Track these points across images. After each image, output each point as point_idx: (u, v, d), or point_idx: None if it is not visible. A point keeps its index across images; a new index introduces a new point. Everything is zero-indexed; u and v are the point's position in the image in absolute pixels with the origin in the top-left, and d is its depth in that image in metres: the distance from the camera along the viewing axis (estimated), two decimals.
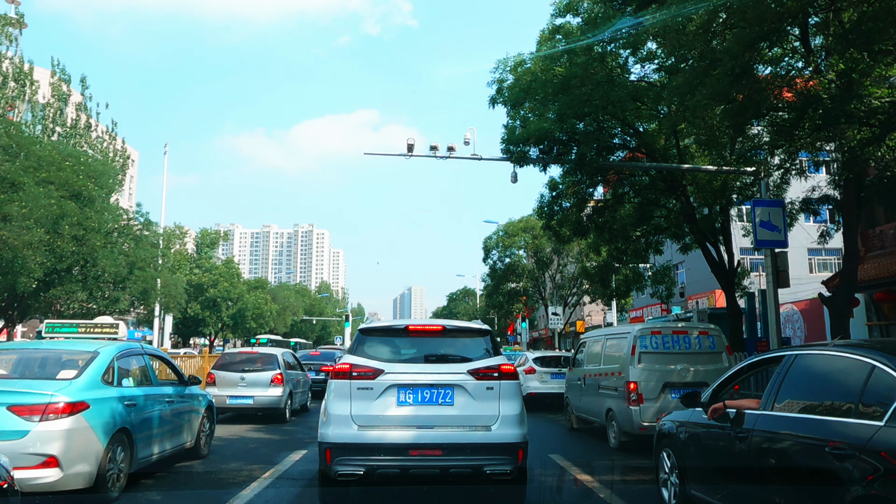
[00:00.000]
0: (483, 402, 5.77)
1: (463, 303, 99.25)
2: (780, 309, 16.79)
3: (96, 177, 27.22)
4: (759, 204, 16.61)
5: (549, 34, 16.63)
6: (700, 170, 16.38)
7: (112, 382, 6.79)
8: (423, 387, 5.80)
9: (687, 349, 9.80)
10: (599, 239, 21.68)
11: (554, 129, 15.07)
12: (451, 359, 6.05)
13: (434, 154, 15.99)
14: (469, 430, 5.71)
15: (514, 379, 6.00)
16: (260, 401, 13.34)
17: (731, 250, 18.63)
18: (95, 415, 6.19)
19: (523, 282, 48.13)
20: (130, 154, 70.39)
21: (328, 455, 5.66)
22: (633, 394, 9.43)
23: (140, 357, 7.81)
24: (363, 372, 5.83)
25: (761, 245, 16.47)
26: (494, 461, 5.63)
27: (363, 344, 6.17)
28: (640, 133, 18.41)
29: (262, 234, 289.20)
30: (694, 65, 10.14)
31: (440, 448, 5.62)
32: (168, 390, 8.12)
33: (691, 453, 5.72)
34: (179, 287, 39.30)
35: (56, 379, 6.31)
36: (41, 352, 7.29)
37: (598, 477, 8.01)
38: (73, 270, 25.90)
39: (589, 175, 17.83)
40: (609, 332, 11.77)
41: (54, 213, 21.97)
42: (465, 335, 6.35)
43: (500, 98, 17.91)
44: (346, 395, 5.79)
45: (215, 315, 57.00)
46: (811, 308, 27.10)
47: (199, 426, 8.91)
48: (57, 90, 34.20)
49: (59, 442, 5.75)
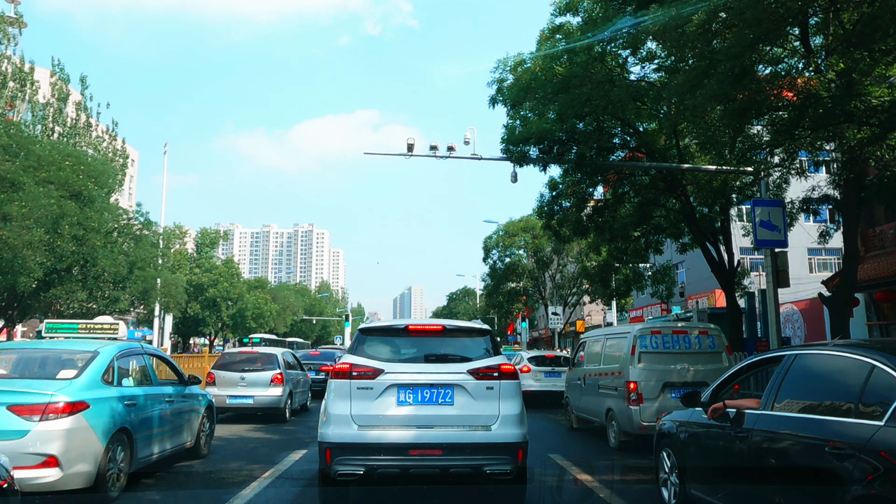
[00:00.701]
0: (483, 402, 5.72)
1: (463, 303, 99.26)
2: (780, 309, 16.78)
3: (96, 176, 27.21)
4: (759, 204, 16.62)
5: (549, 33, 16.63)
6: (700, 169, 16.39)
7: (112, 382, 6.79)
8: (423, 386, 5.74)
9: (687, 349, 9.80)
10: (599, 239, 21.68)
11: (554, 129, 15.07)
12: (451, 358, 5.99)
13: (434, 154, 16.00)
14: (469, 429, 5.65)
15: (514, 379, 5.94)
16: (260, 400, 13.35)
17: (731, 250, 18.64)
18: (95, 414, 6.18)
19: (523, 281, 48.14)
20: (130, 154, 70.47)
21: (328, 455, 5.61)
22: (633, 393, 9.43)
23: (140, 357, 7.82)
24: (363, 372, 5.77)
25: (761, 245, 16.48)
26: (494, 461, 5.58)
27: (363, 344, 6.12)
28: (640, 133, 18.42)
29: (261, 234, 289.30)
30: (694, 64, 10.14)
31: (440, 448, 5.57)
32: (168, 390, 8.12)
33: (691, 453, 5.71)
34: (179, 287, 39.29)
35: (56, 379, 6.31)
36: (41, 351, 7.28)
37: (598, 477, 8.00)
38: (73, 270, 25.91)
39: (589, 175, 17.84)
40: (609, 331, 11.77)
41: (54, 212, 21.97)
42: (465, 335, 6.30)
43: (500, 98, 17.90)
44: (346, 395, 5.73)
45: (215, 315, 56.98)
46: (811, 308, 27.11)
47: (199, 426, 8.90)
48: (57, 90, 34.20)
49: (58, 442, 5.75)
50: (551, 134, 15.19)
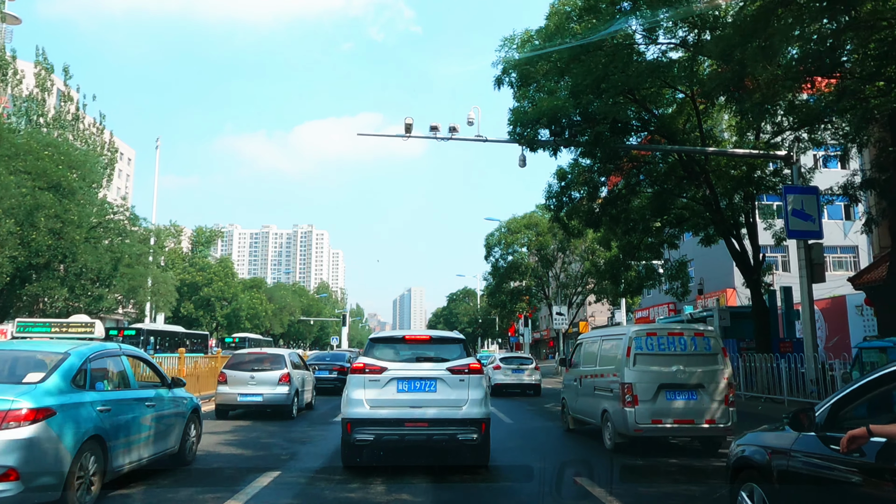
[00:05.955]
0: (457, 390, 7.78)
1: (463, 303, 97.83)
2: (815, 307, 15.32)
3: (77, 167, 25.78)
4: (791, 191, 15.18)
5: (559, 5, 15.14)
6: (727, 153, 14.96)
7: (84, 386, 6.40)
8: (415, 379, 7.84)
9: (683, 351, 9.78)
10: (611, 232, 20.26)
11: (568, 106, 13.59)
12: (435, 359, 8.08)
13: (434, 136, 14.57)
14: (447, 408, 7.70)
15: (479, 373, 7.99)
16: (269, 398, 14.02)
17: (756, 243, 17.19)
18: (62, 421, 5.80)
19: (526, 280, 46.72)
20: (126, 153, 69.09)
21: (349, 427, 7.63)
22: (629, 395, 9.47)
23: (117, 358, 7.42)
24: (373, 369, 7.85)
25: (793, 236, 15.06)
26: (464, 430, 7.61)
27: (372, 349, 8.28)
28: (660, 116, 16.94)
29: (261, 235, 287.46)
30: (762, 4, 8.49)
31: (426, 421, 7.64)
32: (148, 393, 7.74)
33: (802, 497, 4.14)
34: (170, 285, 37.88)
35: (21, 383, 5.92)
36: (8, 353, 6.82)
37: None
38: (52, 266, 24.47)
39: (604, 160, 16.33)
40: (605, 332, 11.81)
41: (27, 203, 20.51)
42: (445, 342, 8.46)
43: (507, 78, 16.48)
44: (361, 385, 7.79)
45: (209, 315, 55.44)
46: (832, 307, 25.68)
47: (185, 431, 8.48)
48: (41, 81, 32.82)
49: (19, 452, 5.36)
50: (565, 111, 13.71)
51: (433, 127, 14.46)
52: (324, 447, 9.96)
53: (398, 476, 7.75)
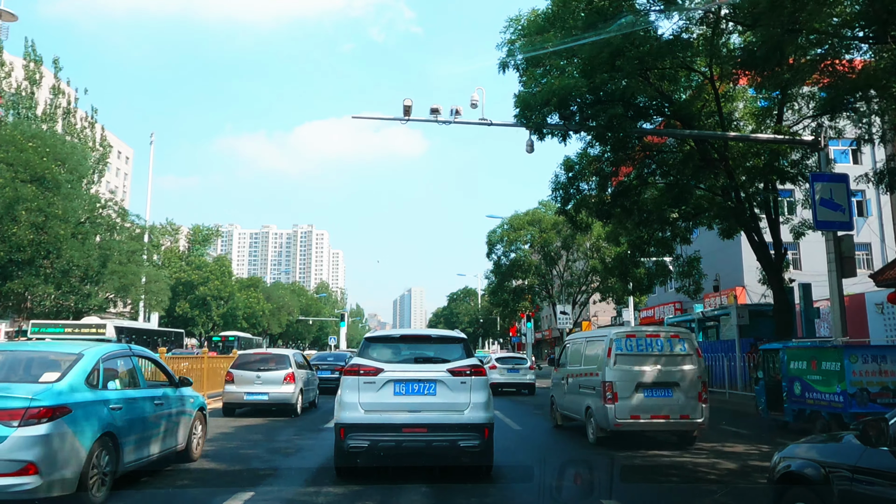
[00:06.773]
0: (458, 393, 7.25)
1: (464, 303, 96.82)
2: (846, 304, 14.30)
3: (64, 160, 24.78)
4: (818, 179, 14.16)
5: None
6: (749, 138, 13.95)
7: (97, 385, 6.68)
8: (413, 381, 7.31)
9: (659, 351, 10.52)
10: (622, 225, 19.24)
11: (581, 86, 12.56)
12: (435, 360, 7.54)
13: (436, 119, 13.56)
14: (447, 413, 7.19)
15: (482, 375, 7.46)
16: (274, 397, 14.53)
17: (778, 235, 16.16)
18: (78, 419, 6.10)
19: (529, 278, 45.71)
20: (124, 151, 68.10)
21: (342, 433, 7.15)
22: (609, 392, 10.19)
23: (128, 358, 7.72)
24: (368, 370, 7.34)
25: (822, 227, 14.05)
26: (466, 437, 7.10)
27: (368, 348, 7.73)
28: (676, 101, 15.90)
29: (261, 235, 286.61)
30: None
31: (425, 427, 7.10)
32: (157, 392, 7.99)
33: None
34: (162, 283, 36.90)
35: (38, 382, 6.17)
36: (24, 353, 7.04)
37: None
38: (37, 262, 23.46)
39: (616, 147, 15.29)
40: (589, 334, 12.56)
41: (7, 195, 19.50)
42: (446, 342, 7.89)
43: (513, 60, 15.49)
44: (356, 388, 7.29)
45: (205, 314, 54.42)
46: (850, 305, 24.63)
47: (191, 428, 8.74)
48: (29, 73, 31.86)
49: (38, 447, 5.64)
50: (577, 91, 12.68)
51: (434, 109, 13.44)
52: (325, 447, 9.93)
53: (395, 480, 7.49)
